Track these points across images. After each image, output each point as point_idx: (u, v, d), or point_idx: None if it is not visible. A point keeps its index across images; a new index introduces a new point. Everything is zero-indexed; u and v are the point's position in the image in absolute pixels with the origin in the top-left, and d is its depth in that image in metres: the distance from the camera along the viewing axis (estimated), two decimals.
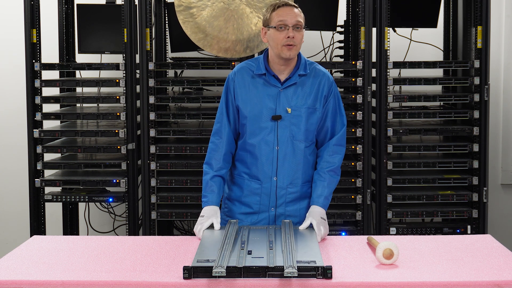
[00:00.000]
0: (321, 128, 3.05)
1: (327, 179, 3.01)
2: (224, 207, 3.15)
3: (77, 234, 4.97)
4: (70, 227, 4.90)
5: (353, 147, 4.22)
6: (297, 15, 2.95)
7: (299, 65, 3.00)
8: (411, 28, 4.75)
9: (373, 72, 4.26)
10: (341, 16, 4.76)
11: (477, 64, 4.22)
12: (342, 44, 4.78)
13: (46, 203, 4.48)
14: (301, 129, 2.99)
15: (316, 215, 2.92)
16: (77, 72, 4.81)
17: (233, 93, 3.03)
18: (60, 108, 4.70)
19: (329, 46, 4.83)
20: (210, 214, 2.93)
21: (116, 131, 4.28)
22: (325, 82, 3.02)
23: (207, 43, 4.09)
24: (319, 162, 3.05)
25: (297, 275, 2.28)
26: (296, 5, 2.99)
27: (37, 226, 4.40)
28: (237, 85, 3.02)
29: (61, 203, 4.88)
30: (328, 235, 2.94)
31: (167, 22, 4.74)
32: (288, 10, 2.94)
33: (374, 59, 4.25)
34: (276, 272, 2.32)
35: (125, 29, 4.22)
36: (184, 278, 2.33)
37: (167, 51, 4.80)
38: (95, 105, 4.74)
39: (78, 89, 4.89)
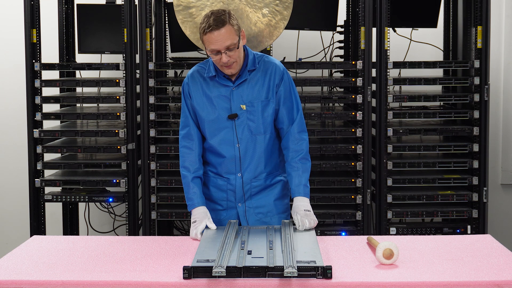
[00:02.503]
0: (276, 116, 3.07)
1: (300, 168, 3.03)
2: None
3: (77, 234, 4.97)
4: (70, 227, 4.90)
5: (353, 147, 4.22)
6: (225, 38, 2.85)
7: (247, 62, 3.01)
8: (411, 28, 4.75)
9: (373, 72, 4.26)
10: (341, 16, 4.76)
11: (477, 64, 4.22)
12: (342, 44, 4.78)
13: (46, 203, 4.48)
14: (258, 123, 3.02)
15: (299, 209, 2.94)
16: (77, 72, 4.81)
17: (189, 98, 3.06)
18: (60, 108, 4.70)
19: (329, 46, 4.83)
20: (201, 217, 2.96)
21: (116, 131, 4.28)
22: (275, 72, 3.04)
23: None
24: (287, 153, 3.07)
25: (297, 275, 2.28)
26: (224, 19, 2.85)
27: (37, 226, 4.40)
28: (192, 89, 3.06)
29: (61, 203, 4.88)
30: (328, 235, 2.95)
31: (167, 22, 4.74)
32: (215, 35, 2.84)
33: (374, 59, 4.25)
34: (276, 272, 2.32)
35: (125, 29, 4.22)
36: (184, 278, 2.33)
37: (167, 51, 4.80)
38: (95, 105, 4.74)
39: (78, 89, 4.89)
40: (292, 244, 2.57)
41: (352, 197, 4.24)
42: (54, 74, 4.72)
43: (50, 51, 4.88)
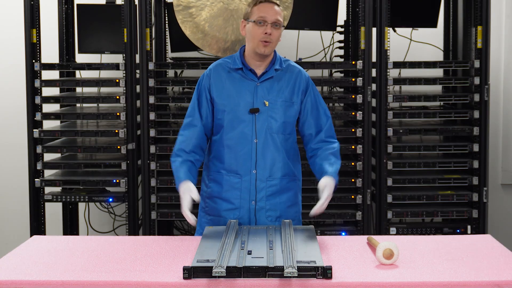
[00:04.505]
0: (303, 124, 3.08)
1: (332, 159, 3.01)
2: (205, 206, 3.13)
3: (77, 234, 4.97)
4: (70, 227, 4.90)
5: (353, 147, 4.22)
6: (277, 13, 2.99)
7: (274, 61, 3.06)
8: (411, 28, 4.75)
9: (373, 72, 4.26)
10: (341, 16, 4.76)
11: (477, 64, 4.22)
12: (342, 44, 4.78)
13: (46, 203, 4.48)
14: (279, 121, 3.02)
15: (331, 187, 2.89)
16: (77, 72, 4.81)
17: (208, 90, 3.05)
18: (60, 108, 4.70)
19: (329, 46, 4.83)
20: (184, 191, 2.88)
21: (116, 131, 4.28)
22: (302, 77, 3.08)
23: (206, 43, 4.10)
24: (317, 152, 3.05)
25: (297, 275, 2.28)
26: (278, 3, 3.03)
27: (37, 226, 4.40)
28: (213, 81, 3.05)
29: (61, 203, 4.88)
30: (328, 235, 2.94)
31: (167, 22, 4.74)
32: (269, 6, 2.99)
33: (374, 59, 4.25)
34: (276, 272, 2.32)
35: (125, 29, 4.22)
36: (184, 278, 2.33)
37: (167, 51, 4.80)
38: (95, 105, 4.74)
39: (78, 89, 4.89)
40: (292, 244, 2.56)
41: (352, 197, 4.24)
42: (54, 74, 4.72)
43: (50, 51, 4.87)
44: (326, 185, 2.90)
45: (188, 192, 2.88)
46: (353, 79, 4.25)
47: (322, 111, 3.09)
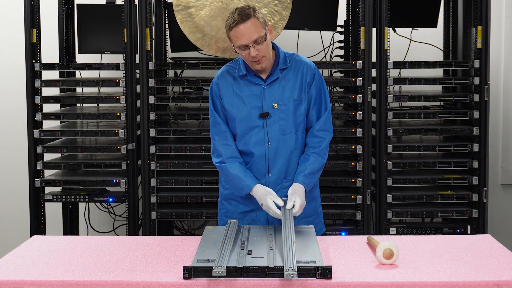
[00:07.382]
0: (307, 116, 3.06)
1: (310, 159, 3.00)
2: (221, 208, 3.14)
3: (77, 234, 4.97)
4: (70, 227, 4.90)
5: (353, 147, 4.22)
6: (252, 31, 2.85)
7: (278, 60, 3.01)
8: (411, 28, 4.75)
9: (373, 72, 4.26)
10: (341, 16, 4.76)
11: (477, 64, 4.22)
12: (342, 44, 4.78)
13: (46, 203, 4.48)
14: (290, 122, 3.01)
15: (301, 194, 2.90)
16: (77, 72, 4.81)
17: (219, 97, 3.05)
18: (60, 108, 4.71)
19: (329, 46, 4.83)
20: (263, 196, 2.90)
21: (116, 131, 4.29)
22: (307, 70, 3.03)
23: (205, 43, 4.09)
24: (305, 150, 3.06)
25: (297, 276, 2.28)
26: (249, 13, 2.86)
27: (37, 226, 4.40)
28: (222, 89, 3.04)
29: (61, 203, 4.88)
30: (328, 235, 2.94)
31: (167, 22, 4.74)
32: (241, 29, 2.84)
33: (374, 59, 4.25)
34: (276, 272, 2.32)
35: (125, 29, 4.22)
36: (184, 278, 2.33)
37: (167, 51, 4.80)
38: (95, 105, 4.74)
39: (78, 89, 4.90)
40: (292, 244, 2.57)
41: (352, 197, 4.24)
42: (54, 74, 4.72)
43: (50, 51, 4.88)
44: (293, 193, 2.90)
45: (267, 196, 2.88)
46: (353, 79, 4.25)
47: (324, 103, 3.06)
